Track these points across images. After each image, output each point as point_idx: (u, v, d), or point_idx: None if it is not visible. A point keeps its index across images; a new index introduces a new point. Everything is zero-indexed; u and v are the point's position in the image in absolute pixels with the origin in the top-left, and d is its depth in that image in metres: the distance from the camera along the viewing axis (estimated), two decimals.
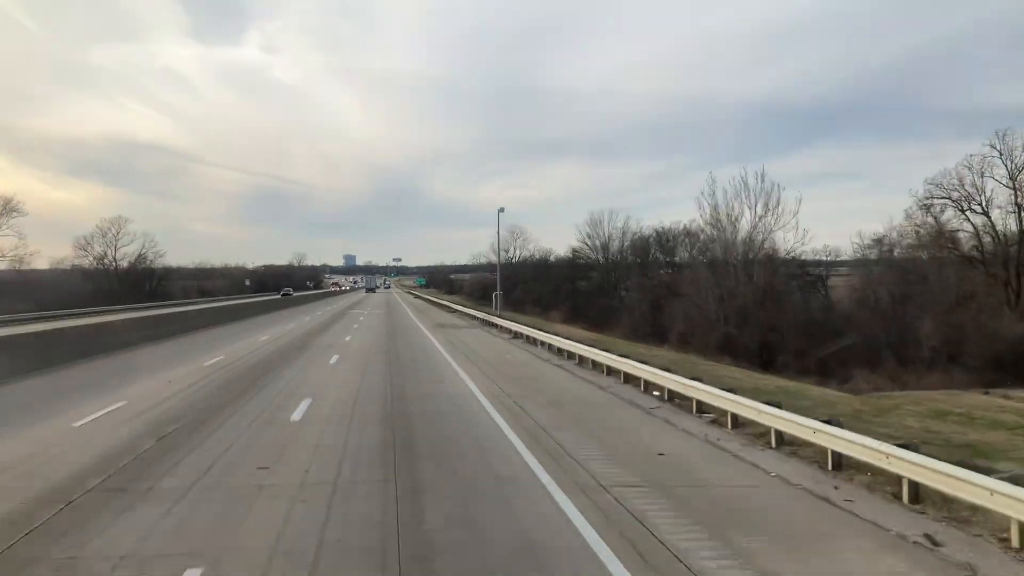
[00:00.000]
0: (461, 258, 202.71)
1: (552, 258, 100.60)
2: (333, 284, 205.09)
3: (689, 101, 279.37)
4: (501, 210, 58.02)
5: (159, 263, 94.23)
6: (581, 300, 79.84)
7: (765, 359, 44.45)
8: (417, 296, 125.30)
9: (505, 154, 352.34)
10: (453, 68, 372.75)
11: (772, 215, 51.74)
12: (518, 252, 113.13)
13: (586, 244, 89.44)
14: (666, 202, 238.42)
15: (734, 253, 52.17)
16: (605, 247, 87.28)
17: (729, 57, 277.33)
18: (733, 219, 52.99)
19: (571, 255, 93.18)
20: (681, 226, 73.20)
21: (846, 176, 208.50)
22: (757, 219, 52.03)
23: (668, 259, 76.01)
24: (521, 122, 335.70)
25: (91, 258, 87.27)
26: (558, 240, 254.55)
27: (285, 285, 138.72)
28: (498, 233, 61.26)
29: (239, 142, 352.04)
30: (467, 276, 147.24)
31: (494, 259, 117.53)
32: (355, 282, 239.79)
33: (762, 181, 52.20)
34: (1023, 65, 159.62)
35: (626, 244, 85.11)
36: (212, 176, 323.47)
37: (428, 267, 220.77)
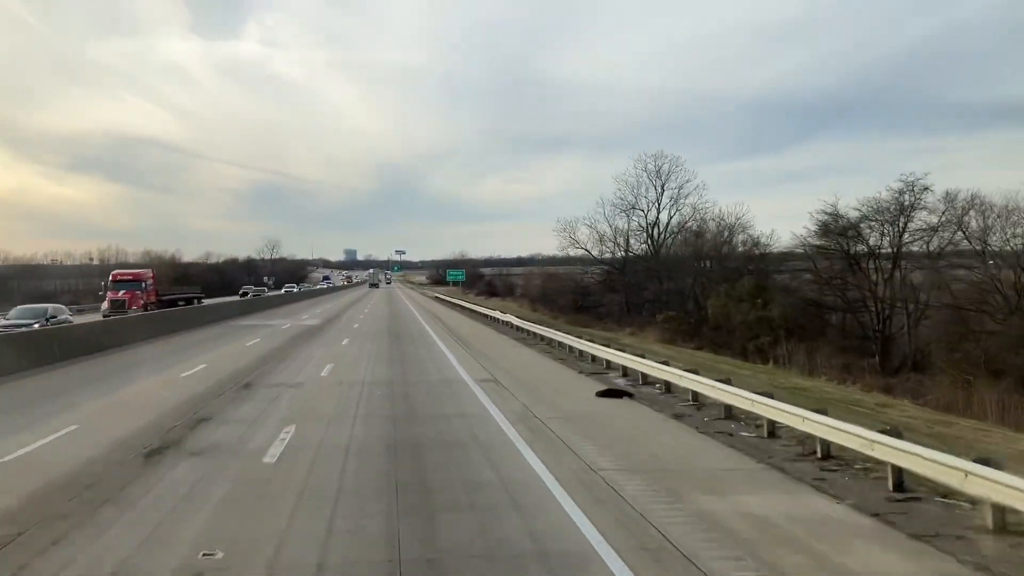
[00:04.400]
0: (477, 251, 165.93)
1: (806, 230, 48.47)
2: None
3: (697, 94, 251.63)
4: None
5: None
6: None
7: None
8: (484, 316, 45.42)
9: (510, 148, 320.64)
10: (456, 62, 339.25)
11: None
12: (666, 215, 61.78)
13: None
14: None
15: None
16: None
17: (733, 51, 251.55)
18: None
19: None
20: None
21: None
22: None
23: None
24: (526, 116, 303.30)
25: None
26: None
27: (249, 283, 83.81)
28: None
29: (239, 137, 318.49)
30: (518, 271, 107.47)
31: (599, 237, 61.80)
32: (327, 278, 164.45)
33: None
34: None
35: None
36: (212, 171, 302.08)
37: (439, 260, 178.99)
